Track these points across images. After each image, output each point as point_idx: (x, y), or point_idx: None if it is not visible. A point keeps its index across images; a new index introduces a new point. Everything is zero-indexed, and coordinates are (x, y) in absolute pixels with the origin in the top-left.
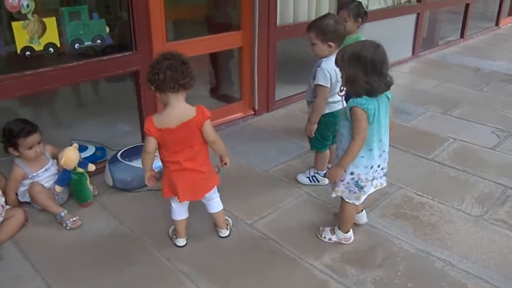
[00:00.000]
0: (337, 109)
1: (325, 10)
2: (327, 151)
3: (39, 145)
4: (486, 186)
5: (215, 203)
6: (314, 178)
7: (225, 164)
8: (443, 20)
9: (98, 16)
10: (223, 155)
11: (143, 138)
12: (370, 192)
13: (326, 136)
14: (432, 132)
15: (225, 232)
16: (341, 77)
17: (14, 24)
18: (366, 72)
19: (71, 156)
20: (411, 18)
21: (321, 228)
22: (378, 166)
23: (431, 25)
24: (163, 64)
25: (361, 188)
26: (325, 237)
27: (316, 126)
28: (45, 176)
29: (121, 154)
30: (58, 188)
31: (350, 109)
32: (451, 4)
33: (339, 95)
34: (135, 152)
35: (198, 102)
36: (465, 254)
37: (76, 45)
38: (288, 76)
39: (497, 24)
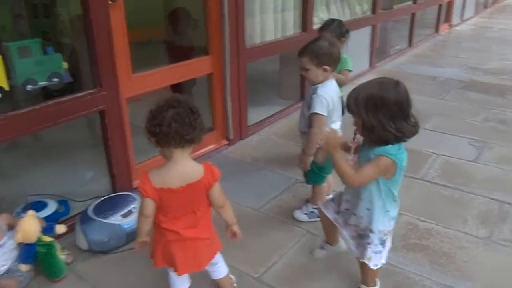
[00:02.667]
0: None
1: (290, 28)
2: (325, 184)
3: None
4: (482, 203)
5: (220, 268)
6: (312, 214)
7: (235, 235)
8: (387, 30)
9: (54, 50)
10: (232, 223)
11: (114, 186)
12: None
13: (324, 168)
14: (413, 148)
15: None
16: (355, 123)
17: None
18: (394, 118)
19: (27, 228)
20: (366, 31)
21: None
22: None
23: (381, 35)
24: (168, 113)
25: (383, 243)
26: None
27: (311, 158)
28: (1, 253)
29: (93, 209)
30: (24, 267)
31: (377, 156)
32: (400, 14)
33: (350, 144)
34: (109, 205)
35: None
36: (487, 284)
37: (29, 87)
38: (253, 98)
39: (437, 30)
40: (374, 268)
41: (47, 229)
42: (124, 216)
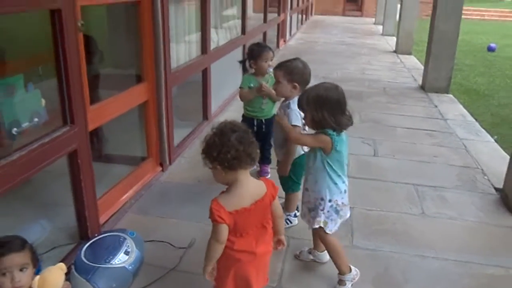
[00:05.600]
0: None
1: (193, 52)
2: (299, 192)
3: (23, 273)
4: (402, 188)
5: None
6: (287, 221)
7: (283, 244)
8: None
9: (33, 86)
10: (282, 233)
11: (85, 230)
12: (346, 217)
13: (301, 176)
14: None
15: None
16: (304, 118)
17: None
18: (334, 113)
19: (51, 279)
20: (239, 50)
21: None
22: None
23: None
24: (232, 138)
25: (337, 213)
26: None
27: (290, 166)
28: None
29: (85, 257)
30: None
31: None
32: (258, 33)
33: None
34: (102, 249)
35: None
36: (446, 247)
37: (15, 130)
38: None
39: (278, 46)
40: (330, 232)
41: None
42: (124, 257)
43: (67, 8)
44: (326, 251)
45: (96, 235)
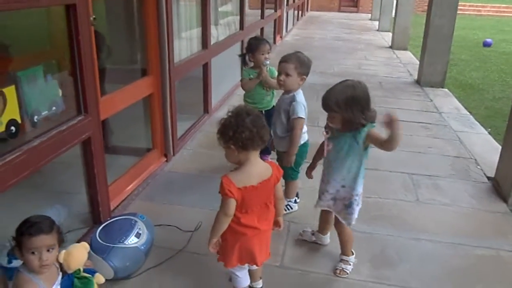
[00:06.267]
0: (307, 138)
1: (194, 47)
2: (298, 180)
3: (50, 253)
4: (397, 178)
5: None
6: (288, 206)
7: (279, 226)
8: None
9: (51, 77)
10: (281, 214)
11: (98, 214)
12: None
13: (300, 165)
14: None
15: (259, 283)
16: (330, 119)
17: None
18: (363, 110)
19: (76, 254)
20: (237, 45)
21: (337, 271)
22: None
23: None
24: (247, 120)
25: (359, 202)
26: (348, 272)
27: (295, 157)
28: None
29: (100, 238)
30: None
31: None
32: (256, 28)
33: (324, 135)
34: (114, 231)
35: None
36: (439, 231)
37: (36, 118)
38: None
39: (275, 42)
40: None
41: (88, 272)
42: (136, 239)
43: (81, 2)
44: (328, 235)
45: (108, 219)
